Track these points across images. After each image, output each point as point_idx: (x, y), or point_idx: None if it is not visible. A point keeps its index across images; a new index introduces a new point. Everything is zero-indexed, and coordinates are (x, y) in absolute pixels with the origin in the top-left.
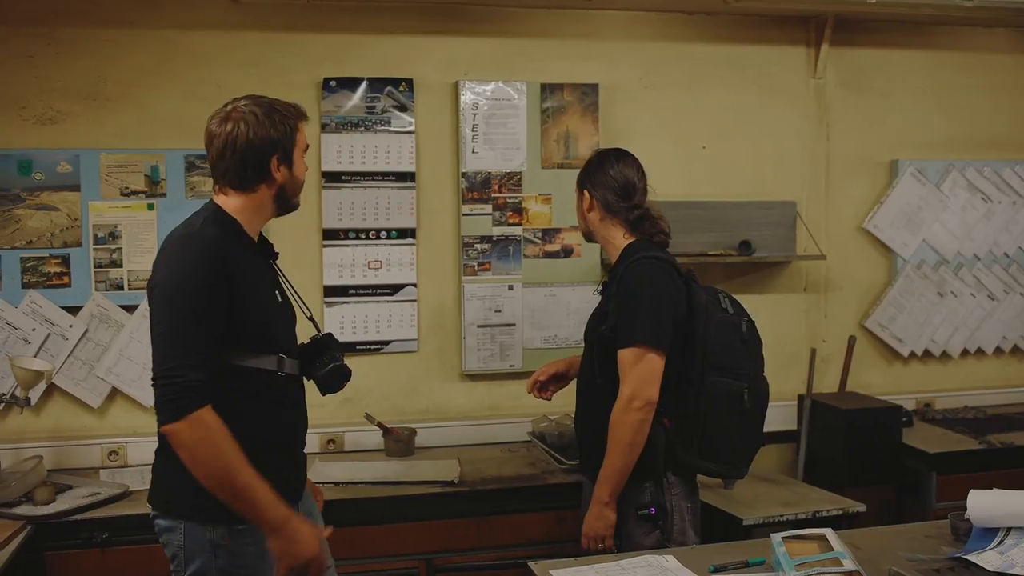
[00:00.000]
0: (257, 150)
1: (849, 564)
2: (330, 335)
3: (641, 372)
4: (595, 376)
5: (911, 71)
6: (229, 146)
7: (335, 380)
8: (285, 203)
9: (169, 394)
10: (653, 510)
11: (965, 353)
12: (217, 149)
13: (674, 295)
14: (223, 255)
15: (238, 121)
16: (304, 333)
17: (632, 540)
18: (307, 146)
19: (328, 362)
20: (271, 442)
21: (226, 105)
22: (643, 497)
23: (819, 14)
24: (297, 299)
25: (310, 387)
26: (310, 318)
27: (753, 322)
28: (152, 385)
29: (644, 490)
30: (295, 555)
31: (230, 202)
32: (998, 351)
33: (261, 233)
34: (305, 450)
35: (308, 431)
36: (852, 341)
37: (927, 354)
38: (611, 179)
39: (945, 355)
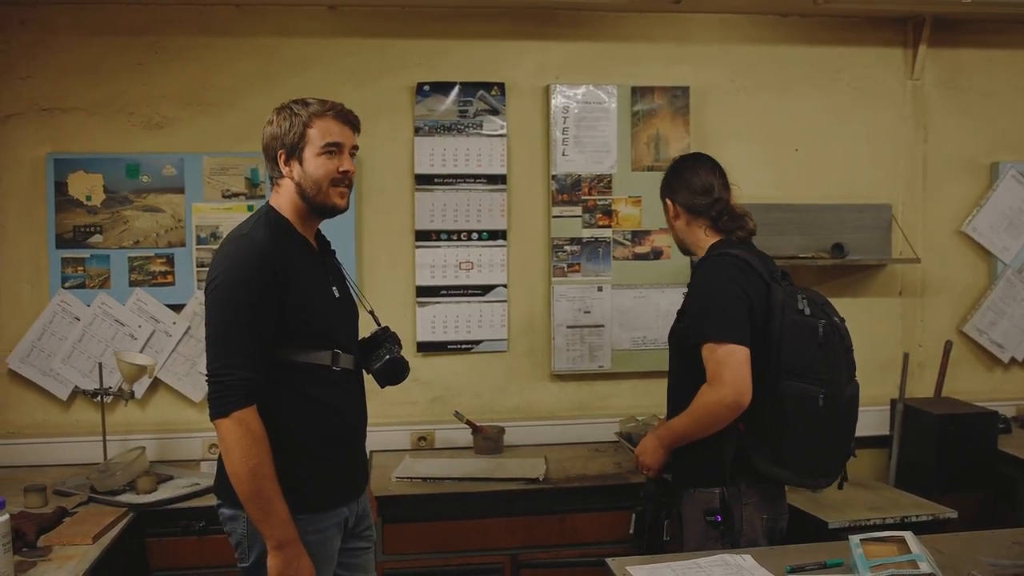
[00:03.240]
0: (268, 147)
1: (925, 567)
2: (386, 328)
3: (732, 368)
4: (679, 374)
5: (1013, 71)
6: (262, 144)
7: (391, 373)
8: (309, 201)
9: (216, 391)
10: (719, 517)
11: None
12: None
13: (747, 291)
14: (271, 256)
15: (268, 122)
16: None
17: (699, 544)
18: (328, 143)
19: (384, 355)
20: (329, 436)
21: None
22: (713, 503)
23: (916, 15)
24: (359, 295)
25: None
26: (371, 312)
27: (836, 325)
28: (205, 381)
29: (714, 496)
30: None
31: (279, 200)
32: None
33: (319, 230)
34: (394, 447)
35: (399, 428)
36: (948, 346)
37: None
38: (688, 181)
39: None
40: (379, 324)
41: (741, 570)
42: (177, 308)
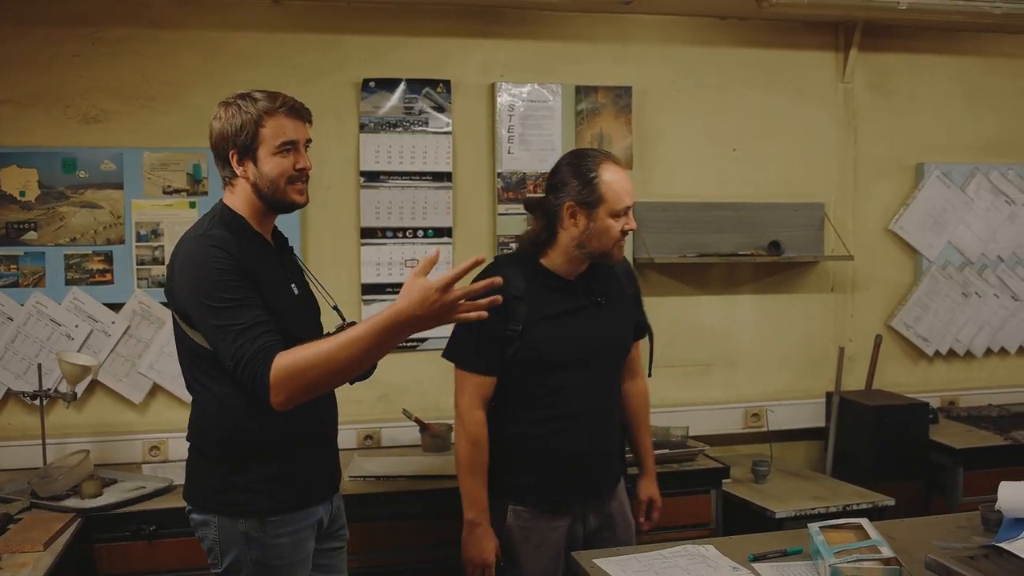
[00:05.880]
0: (218, 146)
1: (887, 551)
2: (354, 323)
3: None
4: (611, 384)
5: (938, 76)
6: (210, 142)
7: None
8: (267, 200)
9: (247, 379)
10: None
11: (989, 352)
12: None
13: None
14: (234, 252)
15: (214, 117)
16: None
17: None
18: (283, 142)
19: None
20: (301, 435)
21: None
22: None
23: (848, 20)
24: (321, 290)
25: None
26: (335, 308)
27: None
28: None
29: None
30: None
31: (233, 199)
32: (1021, 351)
33: (276, 227)
34: (342, 446)
35: (345, 427)
36: (878, 340)
37: (951, 353)
38: None
39: (969, 354)
40: (344, 319)
41: (705, 559)
42: (116, 307)
